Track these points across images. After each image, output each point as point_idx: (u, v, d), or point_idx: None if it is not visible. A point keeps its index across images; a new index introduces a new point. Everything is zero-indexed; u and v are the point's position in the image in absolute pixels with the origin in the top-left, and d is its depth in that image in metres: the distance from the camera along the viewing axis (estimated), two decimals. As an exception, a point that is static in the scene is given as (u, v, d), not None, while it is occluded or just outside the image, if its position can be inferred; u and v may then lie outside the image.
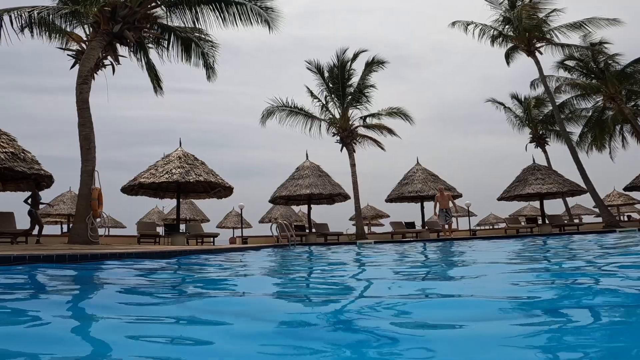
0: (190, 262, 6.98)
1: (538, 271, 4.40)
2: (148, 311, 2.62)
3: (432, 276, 4.46)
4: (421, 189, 20.30)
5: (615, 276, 3.65)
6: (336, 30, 66.25)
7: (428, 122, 68.31)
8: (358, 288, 3.64)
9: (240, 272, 5.78)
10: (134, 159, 56.68)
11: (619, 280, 3.40)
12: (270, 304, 2.80)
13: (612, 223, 20.03)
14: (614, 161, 27.00)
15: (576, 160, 20.45)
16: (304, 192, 18.81)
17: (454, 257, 7.35)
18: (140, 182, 15.52)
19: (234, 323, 2.17)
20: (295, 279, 4.56)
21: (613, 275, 3.72)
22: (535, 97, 25.58)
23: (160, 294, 3.39)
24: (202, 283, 4.32)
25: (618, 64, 21.84)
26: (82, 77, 11.82)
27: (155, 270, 5.56)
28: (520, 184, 21.19)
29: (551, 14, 19.79)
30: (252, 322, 2.16)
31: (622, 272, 3.93)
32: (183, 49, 15.58)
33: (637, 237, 10.22)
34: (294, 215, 30.36)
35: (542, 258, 6.12)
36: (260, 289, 3.68)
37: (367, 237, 19.88)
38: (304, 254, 9.79)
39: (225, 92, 69.24)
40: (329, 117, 21.36)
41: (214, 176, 15.73)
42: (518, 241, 12.03)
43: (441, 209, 16.16)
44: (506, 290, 3.05)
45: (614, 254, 6.28)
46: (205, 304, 2.88)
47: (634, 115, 22.51)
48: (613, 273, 3.90)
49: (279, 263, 7.35)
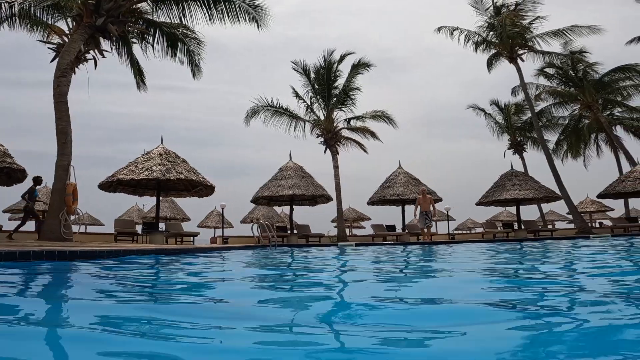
0: (165, 262, 6.67)
1: (508, 275, 4.30)
2: (108, 312, 2.39)
3: (409, 279, 4.36)
4: (402, 193, 20.28)
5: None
6: (326, 31, 66.37)
7: (411, 126, 68.96)
8: (336, 290, 3.53)
9: (219, 274, 5.52)
10: (118, 156, 55.46)
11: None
12: (246, 308, 2.60)
13: (585, 229, 20.43)
14: (588, 169, 27.68)
15: (552, 167, 20.79)
16: (286, 193, 18.55)
17: (433, 261, 7.25)
18: (118, 179, 15.01)
19: (201, 325, 2.02)
20: (274, 281, 4.34)
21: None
22: (515, 103, 25.94)
23: (129, 294, 3.14)
24: (172, 283, 4.09)
25: (596, 72, 22.32)
26: (61, 70, 11.39)
27: (131, 269, 5.26)
28: (499, 189, 21.41)
29: (534, 21, 20.06)
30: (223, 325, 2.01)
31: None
32: (168, 45, 15.22)
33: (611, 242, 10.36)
34: (276, 216, 30.05)
35: (518, 262, 6.05)
36: (238, 292, 3.45)
37: (349, 239, 19.74)
38: (285, 255, 9.56)
39: (213, 91, 68.43)
40: (313, 118, 21.19)
41: (195, 174, 15.33)
42: (501, 246, 12.06)
43: (422, 212, 15.85)
44: (478, 295, 2.91)
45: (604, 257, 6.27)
46: (171, 306, 2.70)
47: (609, 124, 23.06)
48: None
49: (259, 264, 7.11)
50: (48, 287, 3.65)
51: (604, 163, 27.95)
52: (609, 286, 3.31)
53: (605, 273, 4.36)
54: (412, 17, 68.99)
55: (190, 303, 2.84)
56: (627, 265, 5.22)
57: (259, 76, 63.45)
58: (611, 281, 3.60)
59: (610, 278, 3.85)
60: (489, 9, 20.73)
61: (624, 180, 20.32)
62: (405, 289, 3.57)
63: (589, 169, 27.48)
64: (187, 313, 2.34)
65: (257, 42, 71.76)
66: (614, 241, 11.51)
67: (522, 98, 24.61)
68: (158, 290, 3.56)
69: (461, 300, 2.69)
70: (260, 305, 2.72)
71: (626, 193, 20.56)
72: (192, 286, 3.90)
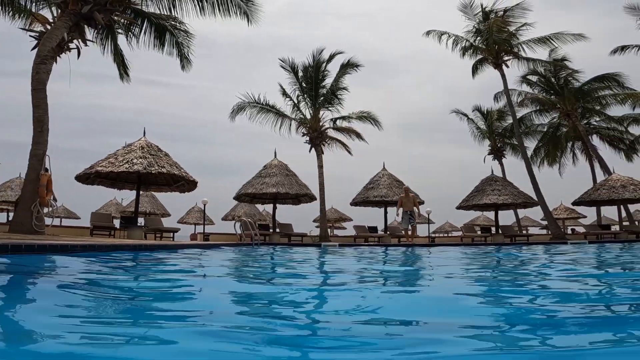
0: (142, 258, 6.18)
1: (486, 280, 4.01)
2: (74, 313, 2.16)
3: (391, 281, 4.17)
4: (386, 194, 20.03)
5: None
6: (314, 32, 65.86)
7: (394, 129, 69.24)
8: (319, 290, 3.35)
9: (200, 271, 5.07)
10: (98, 149, 53.63)
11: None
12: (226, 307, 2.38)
13: (559, 235, 20.71)
14: (563, 177, 28.08)
15: (530, 173, 20.97)
16: (270, 191, 18.04)
17: (417, 263, 6.95)
18: (97, 171, 14.23)
19: (171, 326, 1.87)
20: (255, 281, 3.93)
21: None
22: (497, 110, 26.07)
23: (96, 293, 2.89)
24: (148, 282, 3.77)
25: (577, 80, 22.59)
26: (41, 57, 10.76)
27: (105, 265, 4.76)
28: (479, 193, 21.44)
29: (521, 28, 20.09)
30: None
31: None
32: (156, 37, 14.71)
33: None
34: (258, 214, 29.46)
35: (497, 265, 5.80)
36: (219, 291, 3.04)
37: (331, 240, 19.39)
38: (268, 254, 9.12)
39: (198, 87, 66.98)
40: (299, 116, 20.78)
41: (177, 169, 14.69)
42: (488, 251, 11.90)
43: (404, 211, 14.81)
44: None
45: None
46: (142, 304, 2.51)
47: (586, 132, 23.40)
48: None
49: (244, 263, 6.66)
50: (8, 283, 3.16)
51: (578, 171, 28.42)
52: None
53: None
54: (400, 22, 69.26)
55: (163, 309, 2.49)
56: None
57: (245, 75, 62.66)
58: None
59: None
60: (477, 14, 20.70)
61: (599, 189, 20.63)
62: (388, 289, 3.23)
63: (564, 176, 27.93)
64: (157, 316, 2.11)
65: (244, 41, 70.74)
66: (601, 248, 11.50)
67: (503, 104, 24.77)
68: (130, 290, 3.22)
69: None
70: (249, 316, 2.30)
71: (601, 201, 20.87)
72: (167, 287, 3.54)
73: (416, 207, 15.18)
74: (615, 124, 24.76)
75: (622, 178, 20.30)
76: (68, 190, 41.57)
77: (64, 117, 49.13)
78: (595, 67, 35.79)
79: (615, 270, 5.48)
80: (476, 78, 21.98)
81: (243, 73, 64.43)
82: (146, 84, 61.15)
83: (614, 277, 4.49)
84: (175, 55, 15.76)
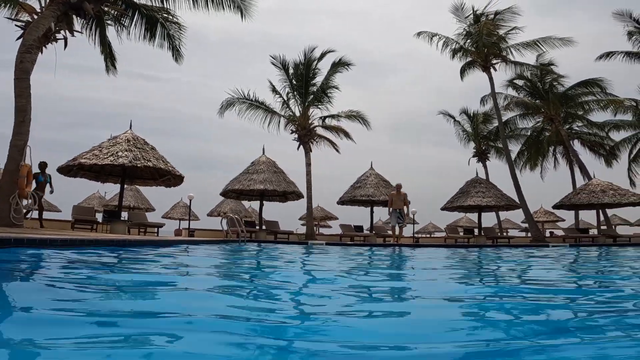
0: (123, 253, 5.91)
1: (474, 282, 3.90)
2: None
3: (376, 282, 4.02)
4: (373, 194, 19.95)
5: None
6: (306, 31, 65.53)
7: (381, 130, 69.36)
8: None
9: (185, 268, 4.83)
10: (82, 141, 52.27)
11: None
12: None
13: (539, 238, 20.96)
14: (544, 180, 28.45)
15: (513, 176, 21.16)
16: (257, 187, 17.77)
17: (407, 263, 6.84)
18: (80, 163, 13.77)
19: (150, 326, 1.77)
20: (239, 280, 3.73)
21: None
22: (483, 113, 26.24)
23: (80, 288, 2.71)
24: (123, 277, 3.61)
25: (562, 85, 22.83)
26: (26, 46, 10.42)
27: (84, 260, 4.49)
28: (463, 195, 21.55)
29: (511, 32, 20.18)
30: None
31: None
32: (147, 29, 14.35)
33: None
34: (244, 210, 29.12)
35: (484, 267, 5.73)
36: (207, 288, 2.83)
37: (317, 238, 19.22)
38: (254, 252, 8.90)
39: (187, 83, 65.91)
40: (289, 114, 20.55)
41: (164, 163, 14.31)
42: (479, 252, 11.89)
43: (394, 210, 14.20)
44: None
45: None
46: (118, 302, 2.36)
47: (568, 137, 23.72)
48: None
49: (230, 260, 6.44)
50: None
51: (557, 175, 28.79)
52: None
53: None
54: (391, 24, 69.35)
55: (139, 306, 2.31)
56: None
57: (234, 71, 61.95)
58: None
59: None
60: (468, 17, 20.72)
61: (580, 193, 20.93)
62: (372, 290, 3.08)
63: (544, 180, 28.28)
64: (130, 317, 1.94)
65: (235, 37, 69.89)
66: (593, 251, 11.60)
67: (490, 107, 24.95)
68: (107, 286, 3.01)
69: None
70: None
71: (581, 205, 21.18)
72: (148, 283, 3.32)
73: (406, 206, 14.51)
74: (596, 130, 25.17)
75: (602, 183, 20.64)
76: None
77: (49, 109, 47.78)
78: (582, 72, 36.43)
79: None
80: (464, 81, 22.07)
81: (233, 70, 63.72)
82: (135, 78, 59.93)
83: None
84: (166, 47, 15.48)
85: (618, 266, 6.43)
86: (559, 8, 50.32)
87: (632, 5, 22.68)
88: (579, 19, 50.39)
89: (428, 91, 65.87)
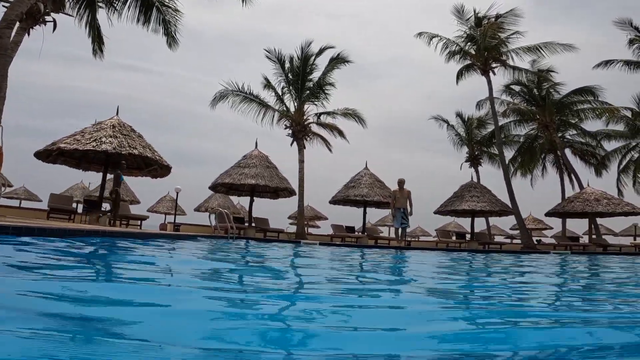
0: (100, 245, 4.92)
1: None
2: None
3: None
4: (367, 194, 19.05)
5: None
6: (301, 30, 64.58)
7: (373, 132, 68.63)
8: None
9: (164, 266, 3.88)
10: (68, 130, 50.13)
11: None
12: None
13: (530, 245, 20.45)
14: (533, 188, 27.97)
15: (507, 182, 20.61)
16: (248, 182, 16.70)
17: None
18: (59, 148, 12.57)
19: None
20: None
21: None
22: (478, 117, 25.64)
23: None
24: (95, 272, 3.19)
25: (558, 93, 22.32)
26: (7, 21, 9.53)
27: (47, 251, 3.95)
28: (457, 199, 20.87)
29: (512, 36, 19.56)
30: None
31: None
32: (141, 12, 13.62)
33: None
34: (232, 206, 27.93)
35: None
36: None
37: (307, 238, 18.25)
38: (246, 249, 7.92)
39: (178, 76, 63.99)
40: (283, 109, 19.58)
41: (151, 151, 13.19)
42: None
43: (397, 209, 12.56)
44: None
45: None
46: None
47: (561, 145, 23.23)
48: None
49: (216, 257, 5.46)
50: None
51: (546, 183, 28.31)
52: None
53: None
54: (385, 27, 68.63)
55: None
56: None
57: (228, 67, 60.63)
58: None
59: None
60: (469, 18, 20.07)
61: (573, 201, 20.40)
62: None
63: (530, 188, 27.78)
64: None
65: (230, 34, 68.33)
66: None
67: (485, 112, 24.35)
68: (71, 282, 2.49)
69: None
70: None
71: (574, 213, 20.68)
72: (125, 279, 2.86)
73: (410, 205, 12.85)
74: (589, 139, 24.78)
75: (596, 192, 20.17)
76: (31, 170, 38.57)
77: (34, 97, 45.83)
78: (581, 79, 36.13)
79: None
80: (457, 88, 21.46)
81: (226, 66, 62.33)
82: (124, 69, 58.16)
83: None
84: (161, 33, 15.12)
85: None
86: (556, 14, 50.14)
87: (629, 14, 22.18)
88: (579, 27, 50.31)
89: (420, 96, 65.42)
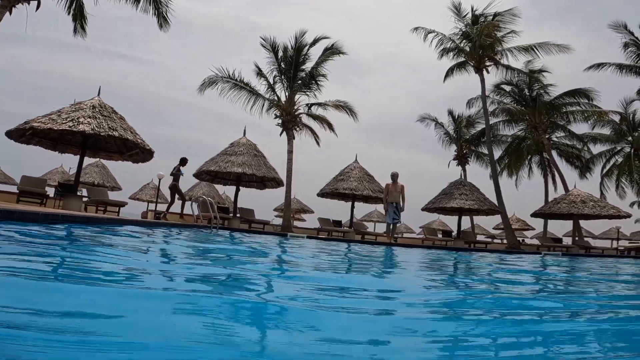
0: (66, 232, 4.18)
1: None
2: None
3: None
4: (356, 188, 18.43)
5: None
6: (293, 25, 63.32)
7: (361, 129, 68.23)
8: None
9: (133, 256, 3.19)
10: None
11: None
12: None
13: (514, 245, 20.31)
14: (518, 189, 27.83)
15: (495, 182, 20.36)
16: (235, 170, 15.89)
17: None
18: (32, 127, 11.54)
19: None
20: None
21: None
22: (468, 116, 25.31)
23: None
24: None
25: (548, 94, 22.06)
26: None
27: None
28: (446, 197, 20.43)
29: (508, 34, 19.14)
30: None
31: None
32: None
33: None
34: (217, 196, 27.04)
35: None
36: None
37: (293, 230, 17.58)
38: (232, 242, 7.22)
39: (166, 66, 62.23)
40: (274, 98, 18.81)
41: (132, 134, 12.27)
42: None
43: (390, 203, 12.11)
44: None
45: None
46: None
47: (549, 146, 23.04)
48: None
49: (199, 250, 4.76)
50: None
51: (529, 184, 28.22)
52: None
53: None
54: (378, 24, 68.05)
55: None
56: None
57: (219, 59, 59.13)
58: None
59: None
60: (466, 16, 19.58)
61: (560, 202, 20.21)
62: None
63: (513, 188, 27.64)
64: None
65: (222, 24, 66.75)
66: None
67: (475, 111, 24.02)
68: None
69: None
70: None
71: (560, 214, 20.52)
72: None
73: (403, 199, 12.35)
74: (576, 141, 24.69)
75: (582, 194, 20.02)
76: (8, 153, 36.89)
77: (17, 81, 43.80)
78: (572, 80, 36.18)
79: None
80: (445, 86, 21.13)
81: (216, 57, 60.87)
82: (113, 56, 56.13)
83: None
84: (151, 13, 14.92)
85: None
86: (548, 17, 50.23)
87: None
88: (573, 30, 50.50)
89: (409, 94, 65.14)
